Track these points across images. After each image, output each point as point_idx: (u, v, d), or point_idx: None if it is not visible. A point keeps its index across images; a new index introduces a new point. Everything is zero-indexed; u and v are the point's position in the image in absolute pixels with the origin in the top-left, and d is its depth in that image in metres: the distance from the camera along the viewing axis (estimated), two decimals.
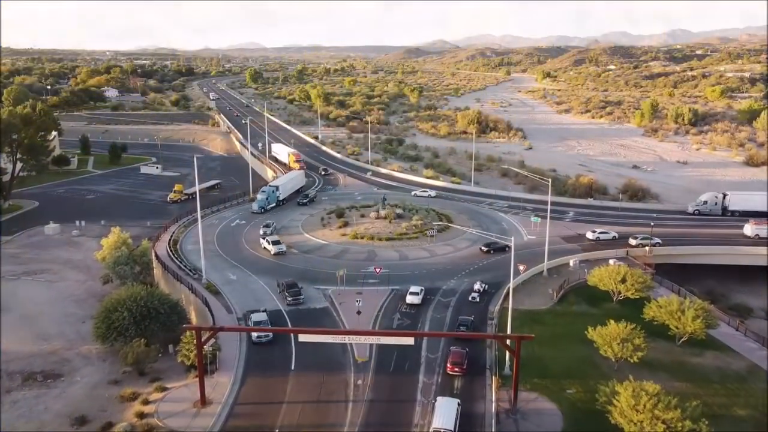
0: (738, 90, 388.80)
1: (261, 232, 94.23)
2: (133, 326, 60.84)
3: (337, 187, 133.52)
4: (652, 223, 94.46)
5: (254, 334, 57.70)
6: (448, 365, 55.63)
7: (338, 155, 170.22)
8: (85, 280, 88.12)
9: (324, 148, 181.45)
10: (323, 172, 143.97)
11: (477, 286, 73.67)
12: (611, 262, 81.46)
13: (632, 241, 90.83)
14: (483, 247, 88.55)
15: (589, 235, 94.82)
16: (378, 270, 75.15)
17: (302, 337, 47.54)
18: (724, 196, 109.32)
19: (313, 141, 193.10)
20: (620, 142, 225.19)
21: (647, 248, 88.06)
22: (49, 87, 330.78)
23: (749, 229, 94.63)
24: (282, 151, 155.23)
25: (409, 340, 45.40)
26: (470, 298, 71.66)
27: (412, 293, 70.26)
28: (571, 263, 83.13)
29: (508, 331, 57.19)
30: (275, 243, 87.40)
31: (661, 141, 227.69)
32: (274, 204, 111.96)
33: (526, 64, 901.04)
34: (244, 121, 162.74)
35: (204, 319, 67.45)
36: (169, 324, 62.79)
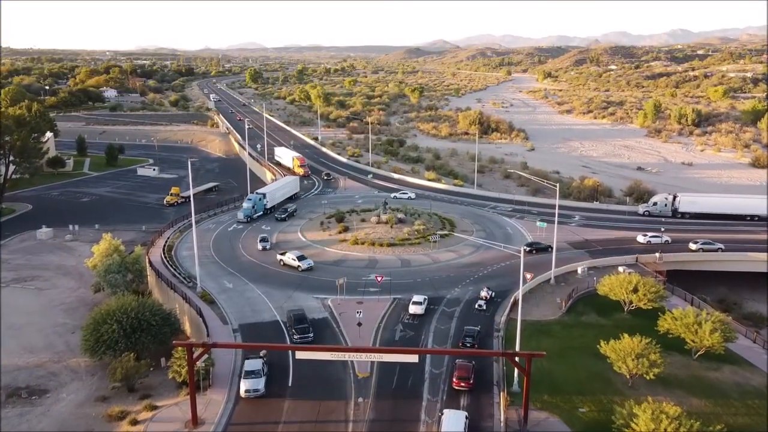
0: (740, 90, 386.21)
1: (259, 247, 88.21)
2: (123, 339, 58.04)
3: (337, 190, 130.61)
4: (662, 229, 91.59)
5: (242, 389, 50.77)
6: (454, 380, 52.87)
7: (340, 157, 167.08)
8: (77, 288, 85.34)
9: (324, 149, 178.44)
10: (326, 177, 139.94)
11: (484, 293, 71.00)
12: (621, 269, 78.83)
13: (692, 246, 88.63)
14: (525, 247, 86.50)
15: (640, 239, 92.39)
16: (379, 279, 72.23)
17: (300, 354, 44.82)
18: (674, 197, 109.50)
19: (312, 142, 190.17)
20: (623, 143, 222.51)
21: (658, 254, 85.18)
22: (47, 87, 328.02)
23: None
24: (286, 155, 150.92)
25: (414, 358, 42.59)
26: (476, 306, 68.94)
27: (415, 303, 67.42)
28: (579, 271, 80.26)
29: (517, 345, 54.48)
30: (301, 258, 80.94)
31: (665, 142, 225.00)
32: (261, 213, 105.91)
33: (526, 64, 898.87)
34: (249, 126, 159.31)
35: (198, 330, 64.72)
36: (161, 336, 60.03)
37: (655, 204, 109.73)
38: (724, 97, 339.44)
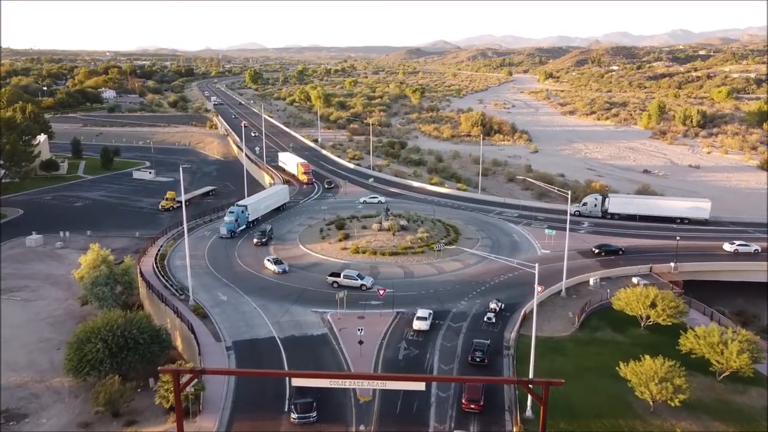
0: (744, 91, 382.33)
1: (278, 270, 79.21)
2: (109, 359, 54.35)
3: (337, 195, 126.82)
4: (678, 237, 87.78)
5: None
6: (463, 401, 49.53)
7: (341, 160, 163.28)
8: (65, 299, 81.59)
9: (324, 152, 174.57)
10: (328, 186, 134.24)
11: (493, 305, 67.50)
12: (634, 280, 75.40)
13: None
14: (594, 249, 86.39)
15: (727, 247, 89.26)
16: (382, 292, 68.38)
17: (296, 382, 41.20)
18: (604, 198, 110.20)
19: (312, 144, 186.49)
20: (628, 145, 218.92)
21: (673, 264, 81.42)
22: (45, 88, 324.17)
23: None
24: (290, 161, 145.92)
25: (420, 385, 38.88)
26: (485, 319, 65.39)
27: (419, 318, 63.70)
28: (591, 282, 76.54)
29: (531, 369, 50.68)
30: (361, 276, 74.56)
31: (670, 144, 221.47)
32: (244, 226, 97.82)
33: (527, 64, 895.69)
34: (255, 134, 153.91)
35: (189, 347, 61.12)
36: (149, 355, 56.41)
37: (585, 204, 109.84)
38: (728, 97, 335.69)
